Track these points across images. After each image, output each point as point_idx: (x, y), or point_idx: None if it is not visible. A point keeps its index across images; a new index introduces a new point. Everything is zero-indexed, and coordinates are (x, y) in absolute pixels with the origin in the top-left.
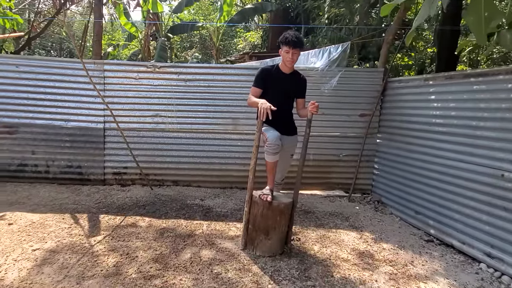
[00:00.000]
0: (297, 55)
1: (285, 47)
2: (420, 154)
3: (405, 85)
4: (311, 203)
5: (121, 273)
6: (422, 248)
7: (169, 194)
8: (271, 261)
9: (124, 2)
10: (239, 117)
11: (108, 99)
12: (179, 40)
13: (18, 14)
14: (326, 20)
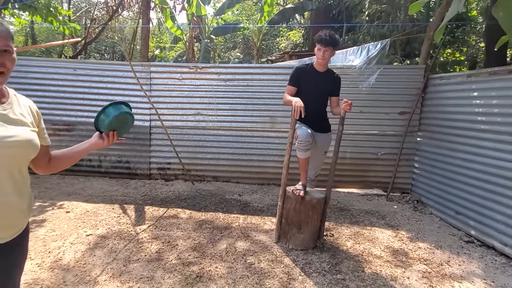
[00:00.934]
0: (329, 53)
1: (318, 45)
2: (462, 152)
3: (447, 81)
4: (348, 200)
5: (162, 258)
6: (460, 248)
7: (209, 189)
8: (303, 254)
9: (170, 6)
10: (277, 115)
11: (154, 98)
12: (223, 41)
13: (76, 21)
14: (366, 17)
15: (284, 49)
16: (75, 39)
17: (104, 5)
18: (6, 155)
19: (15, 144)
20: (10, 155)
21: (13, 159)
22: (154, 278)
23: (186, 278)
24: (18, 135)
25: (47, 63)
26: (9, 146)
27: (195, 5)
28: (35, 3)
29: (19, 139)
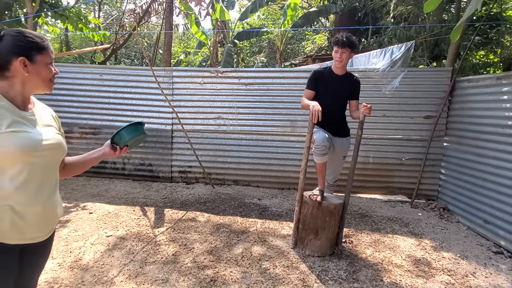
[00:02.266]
0: (346, 54)
1: (335, 47)
2: (491, 158)
3: (475, 84)
4: (369, 207)
5: (178, 261)
6: (488, 259)
7: (229, 192)
8: (320, 261)
9: (195, 12)
10: (297, 119)
11: (175, 102)
12: (248, 46)
13: (106, 28)
14: (391, 19)
15: (309, 52)
16: (104, 46)
17: (132, 12)
18: (46, 156)
19: (51, 146)
20: (49, 157)
21: (51, 162)
22: (169, 280)
23: (200, 281)
24: (52, 138)
25: (75, 68)
26: (47, 148)
27: (218, 11)
28: (66, 12)
29: (54, 142)
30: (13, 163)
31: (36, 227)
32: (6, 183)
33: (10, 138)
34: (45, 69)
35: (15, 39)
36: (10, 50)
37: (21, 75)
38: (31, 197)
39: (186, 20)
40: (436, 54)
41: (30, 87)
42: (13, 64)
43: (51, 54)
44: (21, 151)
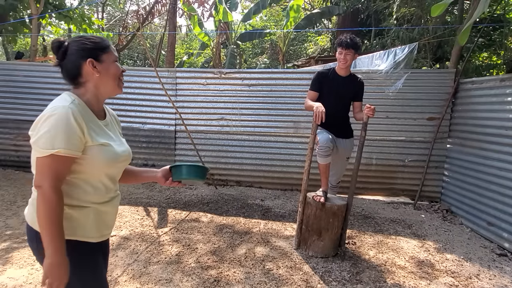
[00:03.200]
0: (350, 56)
1: (338, 48)
2: (495, 160)
3: (479, 86)
4: (372, 208)
5: (181, 261)
6: (492, 261)
7: (232, 193)
8: (323, 262)
9: (198, 13)
10: (300, 121)
11: (179, 103)
12: (251, 47)
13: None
14: (394, 20)
15: (312, 54)
16: None
17: (135, 13)
18: (122, 166)
19: (127, 157)
20: (124, 166)
21: (123, 168)
22: (172, 280)
23: (204, 282)
24: (127, 148)
25: None
26: (125, 160)
27: (221, 12)
28: (70, 13)
29: (129, 153)
30: (98, 172)
31: (110, 226)
32: (90, 189)
33: (100, 150)
34: (113, 66)
35: (79, 44)
36: (78, 56)
37: (93, 77)
38: (107, 199)
39: (189, 21)
40: (439, 56)
41: (103, 89)
42: (84, 68)
43: (114, 52)
44: (106, 164)
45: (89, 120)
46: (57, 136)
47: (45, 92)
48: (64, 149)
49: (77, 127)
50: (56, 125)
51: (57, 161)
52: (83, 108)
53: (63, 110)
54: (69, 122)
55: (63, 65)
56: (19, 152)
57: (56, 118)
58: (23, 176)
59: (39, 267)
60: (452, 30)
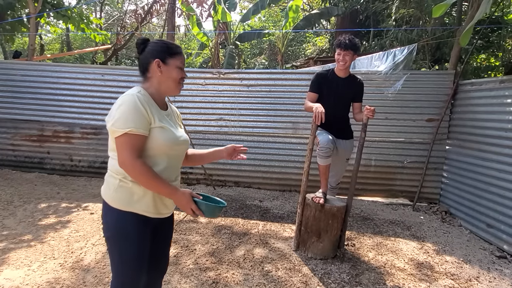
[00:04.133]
0: (349, 57)
1: (337, 49)
2: (494, 162)
3: (478, 88)
4: (371, 210)
5: (179, 263)
6: (491, 264)
7: (230, 194)
8: (322, 264)
9: (197, 13)
10: (299, 121)
11: (177, 103)
12: (249, 47)
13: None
14: (393, 22)
15: (310, 55)
16: (105, 46)
17: (133, 13)
18: (180, 149)
19: (185, 142)
20: (182, 150)
21: (182, 153)
22: (170, 282)
23: (202, 283)
24: (184, 135)
25: (76, 69)
26: (182, 143)
27: (220, 12)
28: (68, 12)
29: (186, 138)
30: (159, 152)
31: (168, 206)
32: (152, 167)
33: (160, 131)
34: (175, 70)
35: (155, 45)
36: (150, 54)
37: (157, 74)
38: (168, 179)
39: (187, 21)
40: (438, 57)
41: (164, 87)
42: (151, 66)
43: (182, 60)
44: (167, 144)
45: (153, 107)
46: (128, 118)
47: (43, 92)
48: (135, 128)
49: (143, 109)
50: (127, 109)
51: (131, 138)
52: (147, 97)
53: (131, 97)
54: (137, 106)
55: (139, 58)
56: (16, 151)
57: (126, 104)
58: (20, 176)
59: (35, 268)
60: (451, 31)
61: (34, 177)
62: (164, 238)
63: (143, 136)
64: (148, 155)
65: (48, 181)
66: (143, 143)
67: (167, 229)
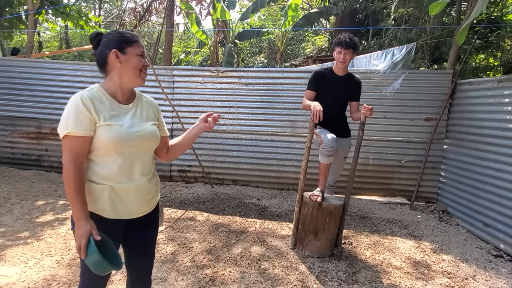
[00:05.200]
0: (349, 55)
1: (338, 47)
2: (491, 161)
3: (476, 87)
4: (369, 208)
5: (177, 260)
6: (488, 263)
7: (228, 192)
8: (319, 262)
9: (196, 12)
10: (297, 120)
11: (176, 101)
12: (248, 46)
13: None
14: (392, 21)
15: (309, 54)
16: None
17: (132, 11)
18: (137, 146)
19: (141, 138)
20: (140, 147)
21: (142, 150)
22: (167, 279)
23: (199, 281)
24: (143, 129)
25: (75, 66)
26: (137, 140)
27: (219, 10)
28: (67, 10)
29: (144, 133)
30: (108, 151)
31: (130, 205)
32: (105, 167)
33: (105, 130)
34: (135, 58)
35: (109, 36)
36: (106, 46)
37: (116, 66)
38: (125, 178)
39: (186, 19)
40: (436, 56)
41: (125, 78)
42: (109, 58)
43: (140, 47)
44: (112, 142)
45: (103, 105)
46: (68, 120)
47: (41, 89)
48: (74, 130)
49: (85, 109)
50: (68, 110)
51: (70, 140)
52: (100, 94)
53: (74, 98)
54: (78, 106)
55: (96, 53)
56: (14, 149)
57: (68, 106)
58: (18, 173)
59: (32, 265)
60: (450, 31)
61: (31, 175)
62: (141, 239)
63: (85, 138)
64: (99, 155)
65: (46, 179)
66: (86, 145)
67: (145, 229)
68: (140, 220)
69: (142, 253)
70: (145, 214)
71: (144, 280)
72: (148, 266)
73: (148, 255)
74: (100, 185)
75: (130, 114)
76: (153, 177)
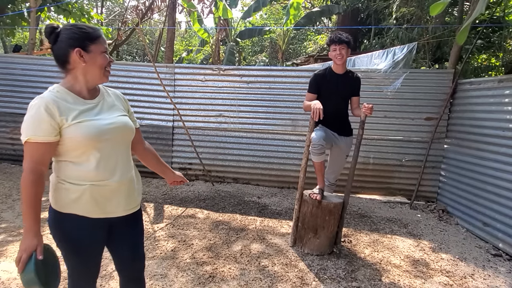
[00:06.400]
0: (345, 50)
1: (332, 45)
2: (491, 161)
3: (477, 87)
4: (369, 207)
5: (177, 257)
6: (487, 262)
7: (229, 190)
8: (319, 260)
9: (198, 10)
10: (298, 119)
11: (177, 99)
12: (250, 44)
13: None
14: (394, 20)
15: (311, 53)
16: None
17: (134, 9)
18: (113, 139)
19: (116, 130)
20: (117, 139)
21: (120, 142)
22: (167, 276)
23: (199, 277)
24: (116, 121)
25: None
26: (112, 132)
27: (221, 9)
28: (69, 7)
29: (118, 125)
30: (85, 149)
31: (114, 202)
32: (83, 167)
33: (76, 128)
34: (100, 56)
35: (69, 32)
36: (67, 44)
37: (80, 65)
38: (106, 175)
39: (188, 17)
40: (438, 56)
41: (90, 77)
42: (72, 57)
43: (104, 43)
44: (88, 138)
45: (69, 104)
46: (29, 126)
47: (43, 86)
48: (33, 136)
49: (47, 114)
50: (28, 116)
51: (31, 147)
52: (63, 94)
53: (35, 103)
54: (39, 112)
55: (54, 49)
56: (15, 145)
57: (29, 111)
58: (19, 170)
59: None
60: (452, 31)
61: None
62: (127, 240)
63: (45, 144)
64: (75, 156)
65: (47, 176)
66: (47, 151)
67: (131, 229)
68: (124, 221)
69: (131, 255)
70: (128, 214)
71: (137, 281)
72: (139, 267)
73: (137, 256)
74: (79, 185)
75: (97, 108)
76: (135, 172)
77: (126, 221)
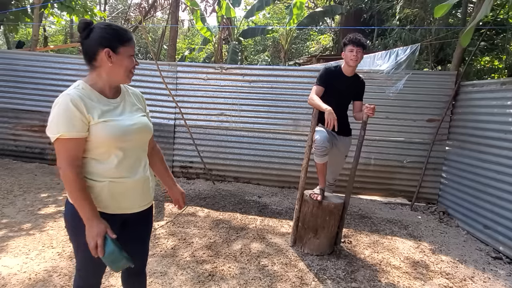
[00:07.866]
0: (361, 54)
1: (349, 46)
2: (493, 164)
3: (480, 89)
4: (369, 208)
5: (177, 255)
6: (487, 264)
7: (229, 189)
8: (318, 260)
9: (201, 8)
10: (300, 118)
11: (179, 97)
12: (252, 44)
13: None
14: (397, 21)
15: (314, 52)
16: None
17: (138, 6)
18: (135, 139)
19: (138, 130)
20: (138, 140)
21: (140, 143)
22: (167, 273)
23: (199, 276)
24: (138, 122)
25: (80, 60)
26: (135, 132)
27: (224, 7)
28: (73, 4)
29: (140, 126)
30: (108, 148)
31: (131, 199)
32: (105, 164)
33: (102, 127)
34: (127, 60)
35: (102, 31)
36: (97, 42)
37: (106, 65)
38: (125, 173)
39: (191, 16)
40: (441, 58)
41: (114, 77)
42: (100, 55)
43: (133, 47)
44: (113, 138)
45: (93, 102)
46: (59, 122)
47: (45, 82)
48: (67, 132)
49: (76, 110)
50: (57, 112)
51: (65, 143)
52: (87, 91)
53: (63, 98)
54: (68, 107)
55: (84, 44)
56: (17, 141)
57: (57, 107)
58: (21, 165)
59: (33, 257)
60: (455, 32)
61: (34, 167)
62: (137, 236)
63: (78, 139)
64: (98, 153)
65: (49, 172)
66: (80, 146)
67: (141, 225)
68: (136, 217)
69: (140, 250)
70: (142, 210)
71: (139, 274)
72: (144, 261)
73: (145, 251)
74: (99, 182)
75: (120, 108)
76: (150, 170)
77: (139, 217)
